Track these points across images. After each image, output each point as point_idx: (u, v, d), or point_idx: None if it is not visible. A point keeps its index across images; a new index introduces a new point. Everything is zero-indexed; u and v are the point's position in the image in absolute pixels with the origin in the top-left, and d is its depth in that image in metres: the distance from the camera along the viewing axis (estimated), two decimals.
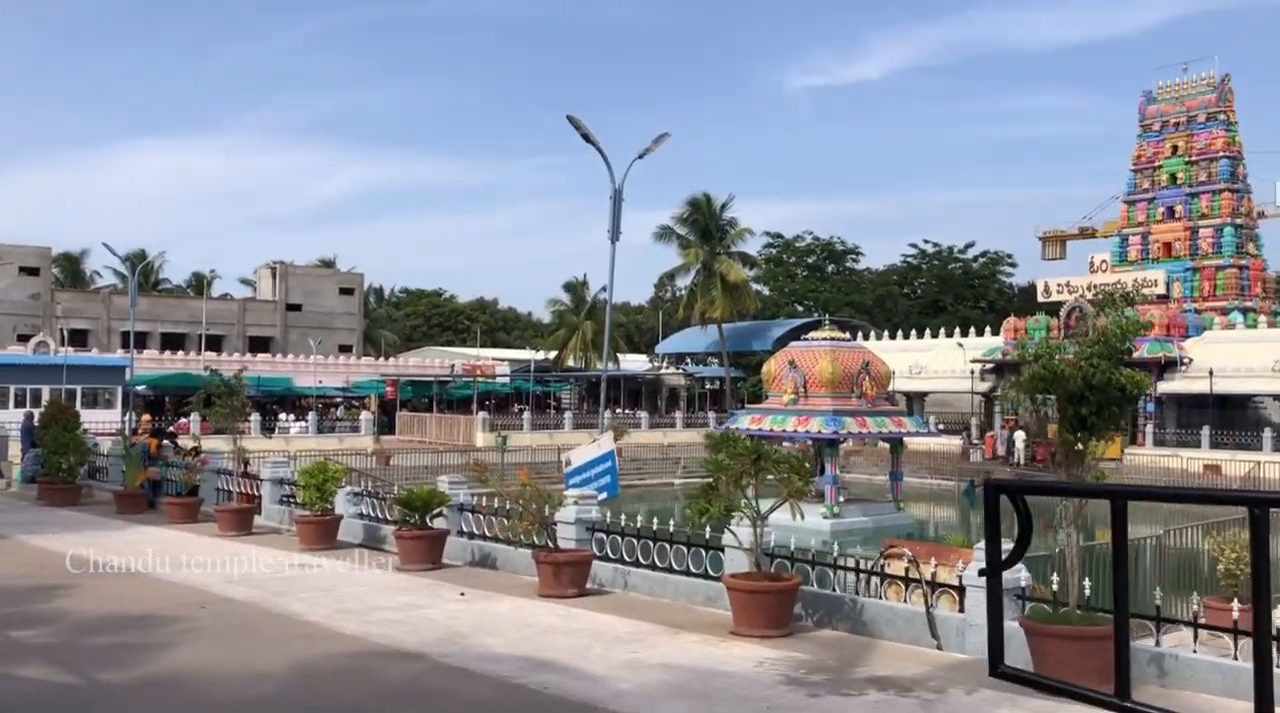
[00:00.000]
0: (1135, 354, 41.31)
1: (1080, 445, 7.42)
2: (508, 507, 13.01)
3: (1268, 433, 44.21)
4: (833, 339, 37.10)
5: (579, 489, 13.22)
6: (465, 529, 14.83)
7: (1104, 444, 35.02)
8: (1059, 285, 53.75)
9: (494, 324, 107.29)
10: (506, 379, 70.14)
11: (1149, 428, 47.88)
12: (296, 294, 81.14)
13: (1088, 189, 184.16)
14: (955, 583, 9.51)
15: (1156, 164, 55.76)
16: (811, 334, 38.86)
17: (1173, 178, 55.13)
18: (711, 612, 10.97)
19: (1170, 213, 55.12)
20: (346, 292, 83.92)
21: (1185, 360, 47.61)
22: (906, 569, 9.84)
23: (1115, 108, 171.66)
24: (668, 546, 12.26)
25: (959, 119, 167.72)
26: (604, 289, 74.87)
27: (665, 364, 76.19)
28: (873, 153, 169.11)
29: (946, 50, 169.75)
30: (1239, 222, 53.41)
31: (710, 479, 9.92)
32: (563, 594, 11.55)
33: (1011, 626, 9.02)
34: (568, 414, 57.46)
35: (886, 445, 42.53)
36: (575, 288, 74.81)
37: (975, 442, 52.37)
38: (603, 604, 11.38)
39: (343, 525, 15.78)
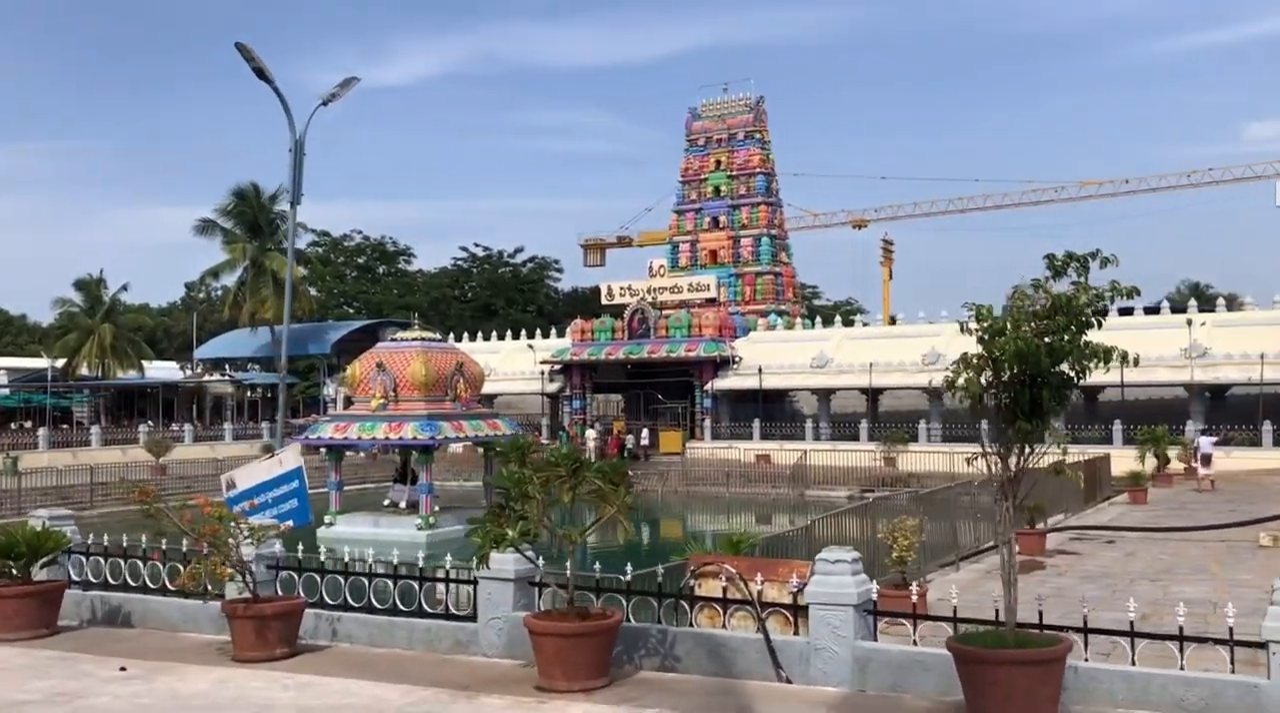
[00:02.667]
0: (692, 354, 43.33)
1: (1030, 432, 6.48)
2: (184, 547, 9.92)
3: (809, 424, 48.31)
4: (424, 339, 34.97)
5: (257, 517, 10.42)
6: (79, 578, 11.35)
7: (671, 439, 35.64)
8: (622, 289, 55.46)
9: None
10: (4, 390, 60.22)
11: (707, 423, 50.64)
12: None
13: (625, 201, 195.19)
14: (789, 601, 8.27)
15: (702, 177, 59.39)
16: (400, 334, 36.47)
17: (717, 190, 58.99)
18: (479, 662, 8.90)
19: (715, 223, 58.93)
20: None
21: (736, 359, 50.88)
22: (725, 589, 8.46)
23: (639, 126, 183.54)
24: (391, 583, 9.94)
25: (500, 129, 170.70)
26: (125, 288, 66.87)
27: (204, 370, 69.32)
28: (414, 156, 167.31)
29: (483, 61, 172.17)
30: (774, 232, 58.26)
31: (505, 498, 7.89)
32: (270, 656, 8.88)
33: (895, 651, 7.94)
34: (94, 430, 50.11)
35: (478, 450, 41.78)
36: (89, 286, 65.65)
37: (545, 442, 52.55)
38: (328, 664, 8.87)
39: None
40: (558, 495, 7.80)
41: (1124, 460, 35.80)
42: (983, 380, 6.13)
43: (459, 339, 61.84)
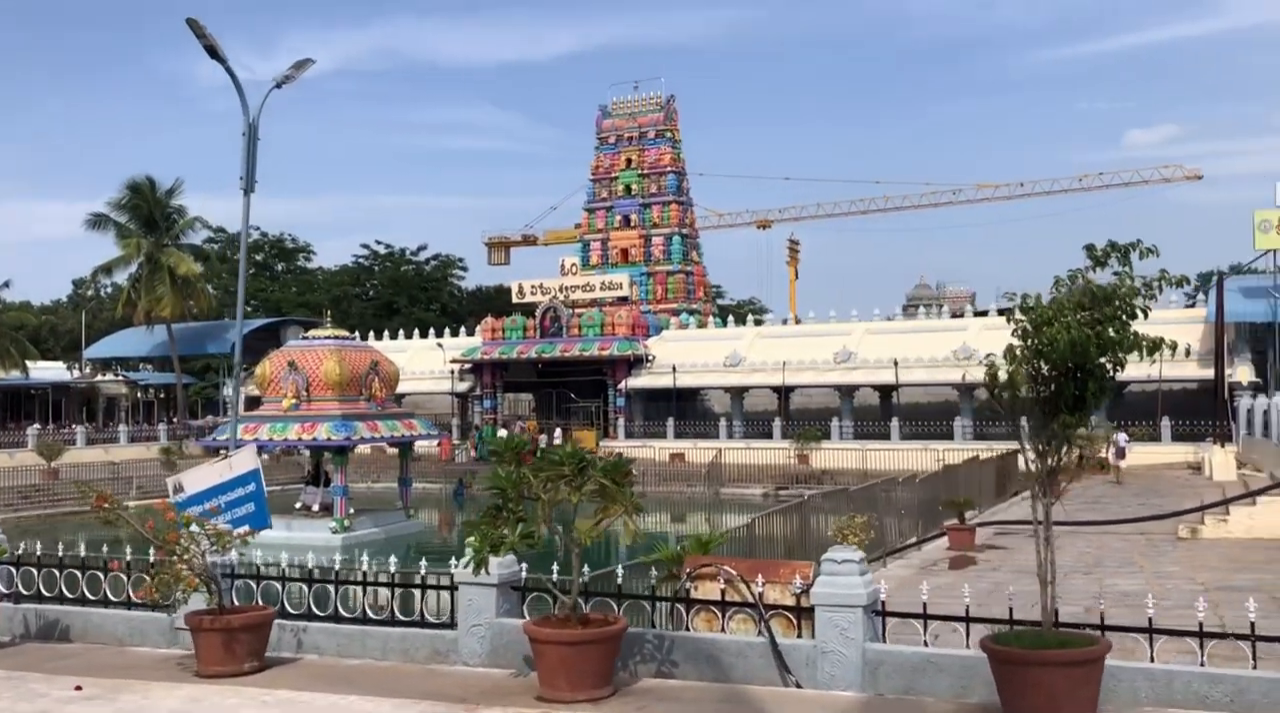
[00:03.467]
0: (605, 352, 43.00)
1: (1072, 427, 6.34)
2: (151, 558, 9.24)
3: (723, 423, 48.45)
4: (338, 338, 34.10)
5: (213, 522, 9.78)
6: (8, 590, 10.56)
7: (585, 439, 35.10)
8: (533, 287, 54.87)
9: None
10: None
11: (620, 422, 50.42)
12: None
13: (530, 199, 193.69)
14: (791, 603, 8.04)
15: (613, 175, 59.15)
16: (313, 332, 35.49)
17: (628, 189, 58.80)
18: (464, 672, 8.47)
19: (626, 221, 58.75)
20: None
21: (650, 358, 50.76)
22: (723, 592, 8.18)
23: (543, 124, 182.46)
24: (361, 590, 9.43)
25: (400, 126, 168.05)
26: (7, 285, 63.63)
27: (94, 370, 66.49)
28: (311, 152, 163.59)
29: (377, 57, 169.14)
30: (685, 231, 58.34)
31: (501, 500, 7.46)
32: (239, 671, 8.31)
33: (909, 652, 7.76)
34: None
35: (389, 451, 40.83)
36: None
37: (458, 442, 51.69)
38: (302, 678, 8.34)
39: None
40: (564, 495, 7.43)
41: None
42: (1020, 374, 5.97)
43: (363, 338, 60.52)
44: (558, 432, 49.98)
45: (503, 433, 50.20)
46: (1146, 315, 5.91)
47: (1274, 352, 39.24)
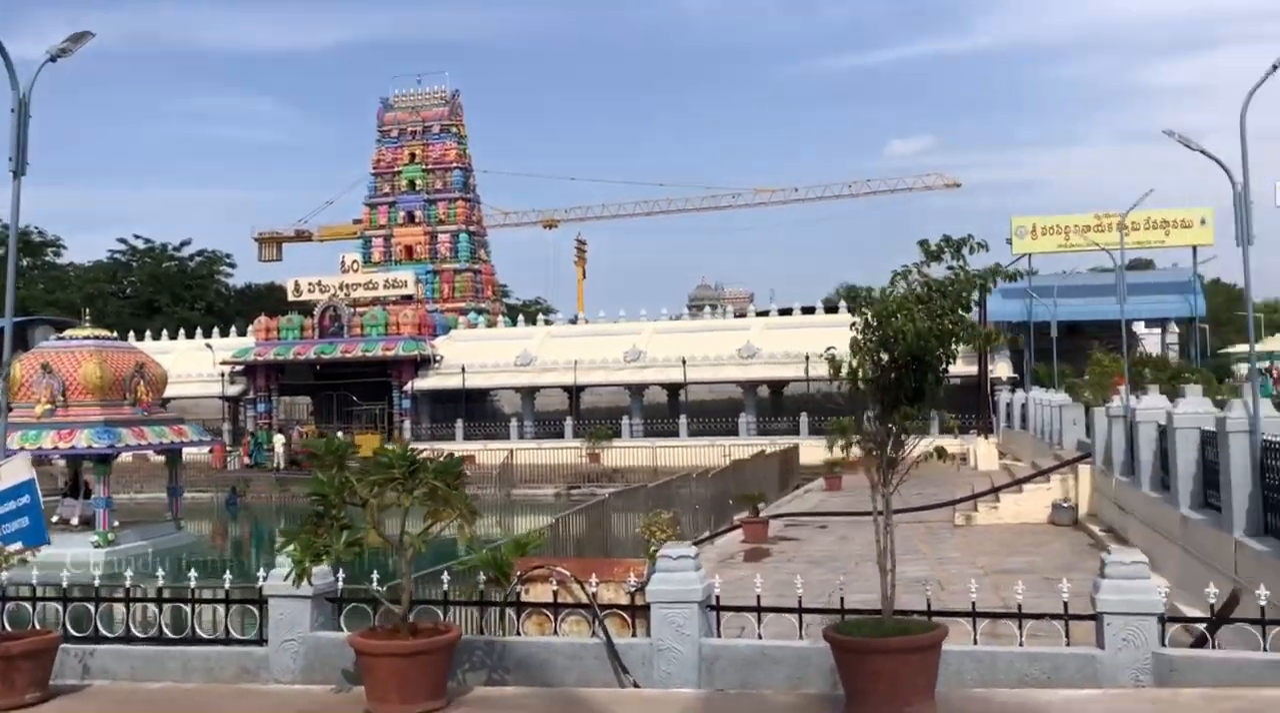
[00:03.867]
0: (390, 353, 41.88)
1: (908, 420, 6.42)
2: None
3: (514, 423, 48.06)
4: (98, 338, 31.69)
5: None
6: None
7: (368, 443, 34.13)
8: (310, 285, 52.83)
9: None
10: None
11: (406, 424, 49.21)
12: None
13: (303, 194, 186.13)
14: (625, 602, 7.89)
15: (396, 170, 57.73)
16: (69, 332, 32.86)
17: (412, 184, 57.51)
18: (280, 690, 7.89)
19: (411, 218, 57.44)
20: None
21: (437, 358, 49.79)
22: (556, 594, 7.94)
23: (315, 116, 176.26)
24: (156, 607, 8.67)
25: (161, 114, 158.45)
26: None
27: None
28: (61, 139, 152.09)
29: (132, 41, 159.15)
30: (473, 229, 57.56)
31: (323, 506, 6.96)
32: (19, 703, 7.44)
33: (744, 646, 7.73)
34: None
35: (153, 459, 38.21)
36: None
37: (231, 448, 49.16)
38: (95, 706, 7.57)
39: None
40: (393, 500, 7.02)
41: (812, 451, 38.05)
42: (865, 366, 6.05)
43: (121, 339, 56.74)
44: (340, 436, 48.33)
45: (279, 438, 48.12)
46: (976, 308, 6.08)
47: (1029, 350, 42.24)
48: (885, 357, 6.01)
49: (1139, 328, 46.86)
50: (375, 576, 8.26)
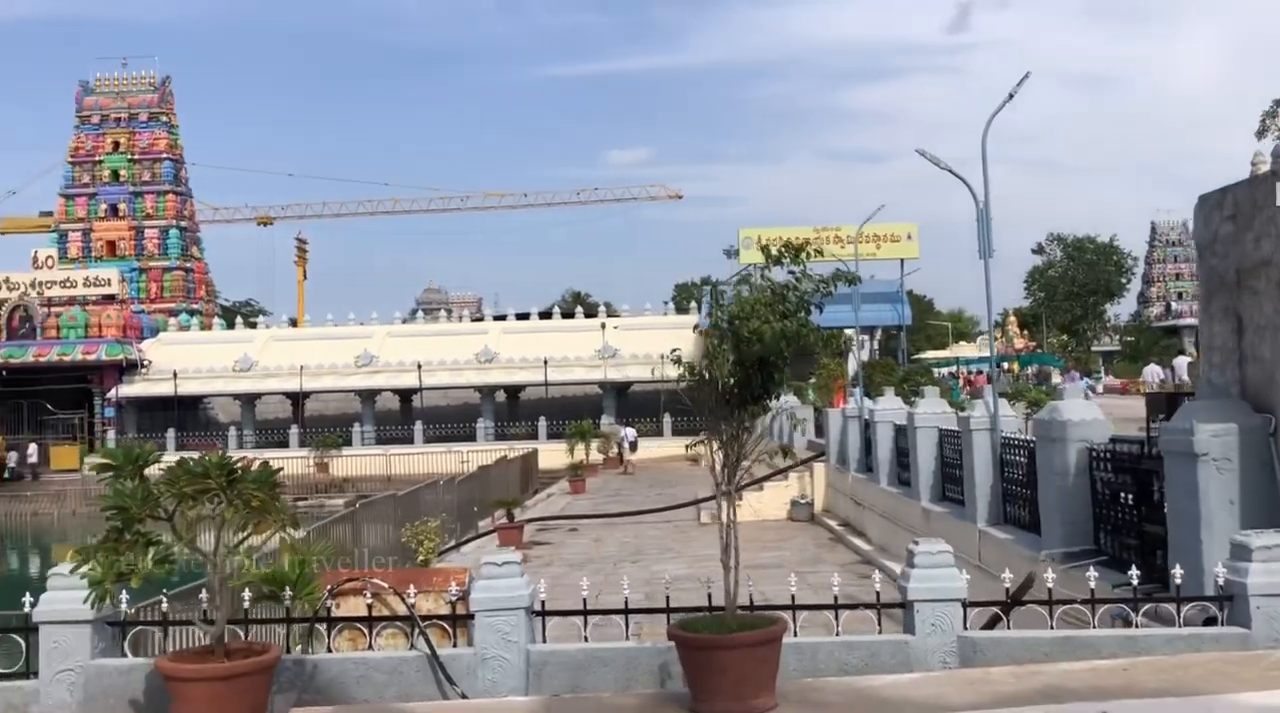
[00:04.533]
0: (91, 356, 38.96)
1: (756, 418, 6.46)
2: None
3: (232, 432, 45.45)
4: None
5: None
6: None
7: (66, 455, 31.94)
8: None
9: None
10: None
11: (110, 434, 45.52)
12: None
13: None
14: (446, 611, 7.59)
15: (98, 158, 53.31)
16: None
17: (115, 174, 53.26)
18: None
19: (114, 211, 53.19)
20: None
21: (145, 362, 46.35)
22: (370, 607, 7.52)
23: None
24: None
25: None
26: None
27: None
28: None
29: None
30: (184, 224, 53.92)
31: (124, 521, 6.25)
32: None
33: (575, 650, 7.61)
34: None
35: None
36: None
37: None
38: None
39: None
40: (208, 512, 6.42)
41: (551, 455, 38.30)
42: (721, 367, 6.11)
43: None
44: (32, 448, 44.09)
45: None
46: (822, 311, 6.33)
47: None
48: (734, 358, 6.10)
49: (849, 334, 50.13)
50: (162, 594, 7.58)
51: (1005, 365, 62.49)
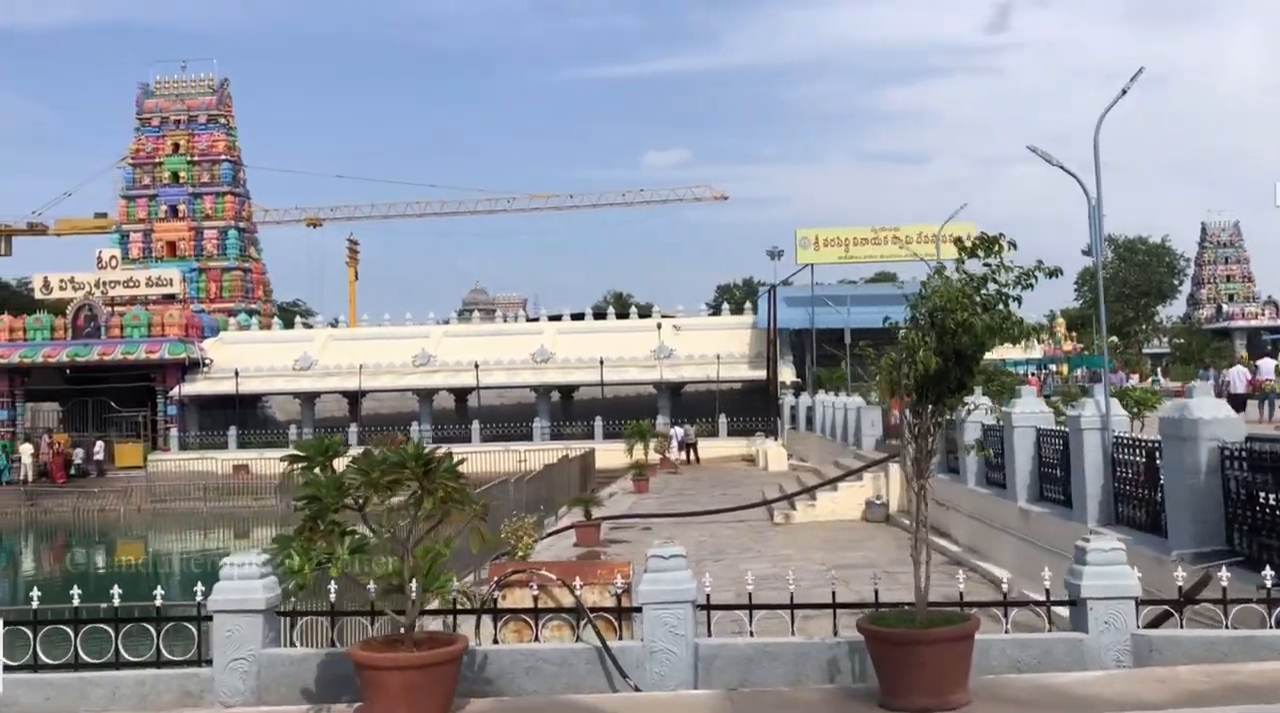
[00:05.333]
0: (155, 356, 39.35)
1: (952, 411, 6.43)
2: None
3: (293, 430, 45.79)
4: None
5: None
6: None
7: (130, 452, 32.21)
8: (62, 282, 48.54)
9: None
10: None
11: (173, 432, 46.06)
12: None
13: (34, 183, 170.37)
14: (611, 604, 7.64)
15: (158, 160, 53.96)
16: None
17: (175, 176, 53.89)
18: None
19: (174, 212, 53.81)
20: None
21: (207, 361, 46.88)
22: (536, 599, 7.58)
23: (42, 101, 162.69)
24: (71, 629, 7.71)
25: None
26: None
27: None
28: None
29: None
30: (242, 225, 54.46)
31: (318, 510, 6.32)
32: None
33: (743, 644, 7.63)
34: None
35: None
36: None
37: None
38: None
39: None
40: (407, 501, 6.48)
41: (606, 455, 38.28)
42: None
43: None
44: (98, 445, 44.68)
45: (27, 448, 43.94)
46: (1020, 303, 6.27)
47: (811, 355, 44.07)
48: (933, 352, 6.05)
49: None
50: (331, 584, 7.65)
51: (1054, 367, 61.90)
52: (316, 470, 6.60)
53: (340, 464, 6.79)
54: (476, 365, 44.66)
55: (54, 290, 48.49)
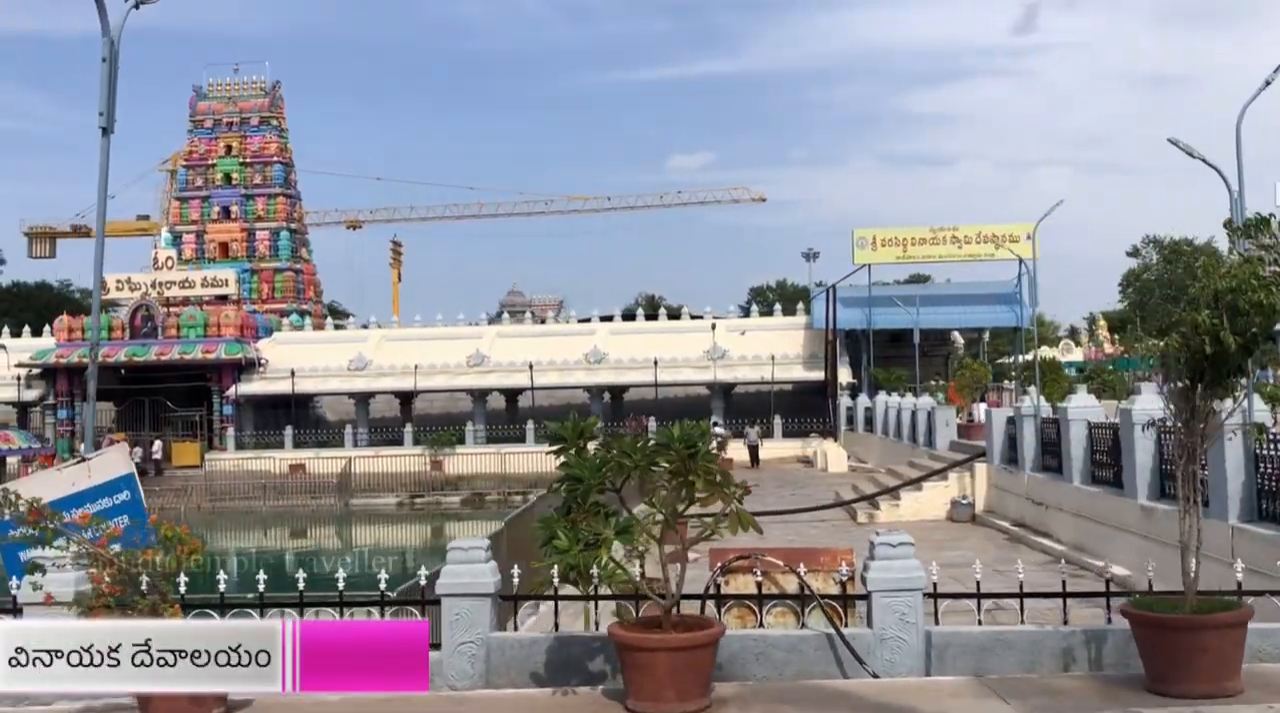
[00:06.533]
0: (211, 356, 39.45)
1: (1229, 392, 6.34)
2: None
3: (349, 430, 45.97)
4: None
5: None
6: None
7: (187, 451, 32.37)
8: (119, 282, 48.81)
9: None
10: None
11: (229, 431, 46.32)
12: None
13: (78, 187, 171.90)
14: (836, 591, 7.63)
15: (210, 162, 54.34)
16: None
17: (227, 178, 54.27)
18: (480, 695, 7.22)
19: (226, 213, 54.18)
20: None
21: (262, 361, 47.13)
22: (760, 585, 7.58)
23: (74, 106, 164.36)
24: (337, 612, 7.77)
25: None
26: None
27: None
28: None
29: None
30: (293, 226, 54.78)
31: (579, 493, 6.34)
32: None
33: (977, 632, 7.61)
34: None
35: None
36: None
37: (65, 458, 44.78)
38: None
39: None
40: (671, 485, 6.49)
41: None
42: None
43: None
44: (156, 444, 44.99)
45: (83, 447, 44.26)
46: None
47: (867, 356, 43.93)
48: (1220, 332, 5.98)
49: (955, 337, 49.63)
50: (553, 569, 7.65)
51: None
52: (573, 453, 6.61)
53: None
54: (530, 366, 44.73)
55: (110, 291, 48.83)
